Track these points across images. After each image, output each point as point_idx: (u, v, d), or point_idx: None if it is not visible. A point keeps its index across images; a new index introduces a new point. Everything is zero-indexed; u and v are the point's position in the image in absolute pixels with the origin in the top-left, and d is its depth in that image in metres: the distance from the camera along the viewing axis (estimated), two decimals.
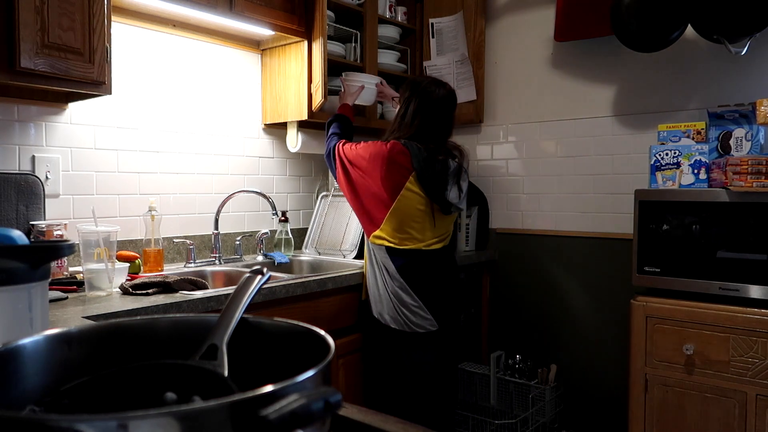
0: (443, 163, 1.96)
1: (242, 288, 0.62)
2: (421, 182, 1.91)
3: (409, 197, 1.91)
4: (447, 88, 2.04)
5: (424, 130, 1.97)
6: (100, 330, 0.60)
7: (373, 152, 1.93)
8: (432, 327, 1.95)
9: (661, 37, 2.12)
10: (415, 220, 1.93)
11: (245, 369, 0.55)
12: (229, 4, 2.05)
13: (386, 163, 1.90)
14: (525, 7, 2.73)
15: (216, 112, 2.40)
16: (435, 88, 2.00)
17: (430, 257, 1.97)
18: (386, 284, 1.94)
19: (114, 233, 1.61)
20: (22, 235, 0.70)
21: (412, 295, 1.92)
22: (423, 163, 1.90)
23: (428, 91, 1.99)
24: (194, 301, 1.55)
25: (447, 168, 1.97)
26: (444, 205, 1.96)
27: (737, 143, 2.00)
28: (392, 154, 1.90)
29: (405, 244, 1.93)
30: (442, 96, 2.00)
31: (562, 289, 2.65)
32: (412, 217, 1.93)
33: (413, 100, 1.99)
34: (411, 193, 1.91)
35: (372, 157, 1.93)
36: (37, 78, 1.56)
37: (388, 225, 1.93)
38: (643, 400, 1.96)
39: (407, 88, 2.05)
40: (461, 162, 2.02)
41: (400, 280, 1.92)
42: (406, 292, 1.92)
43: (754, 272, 1.82)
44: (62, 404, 0.48)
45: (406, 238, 1.93)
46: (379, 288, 1.96)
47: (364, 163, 1.95)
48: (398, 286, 1.92)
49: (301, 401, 0.37)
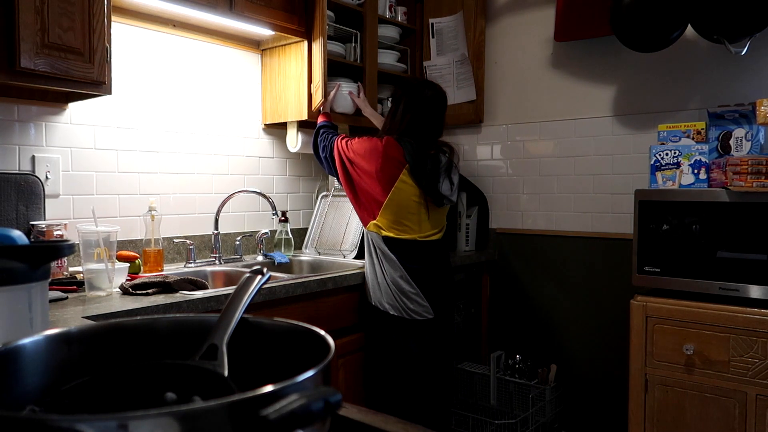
0: (434, 158, 2.05)
1: (242, 288, 0.62)
2: (414, 175, 1.99)
3: (404, 189, 1.99)
4: (436, 89, 2.12)
5: (413, 127, 2.05)
6: (100, 330, 0.60)
7: (368, 147, 2.03)
8: (428, 314, 2.03)
9: (661, 37, 2.12)
10: (411, 212, 2.02)
11: (245, 369, 0.55)
12: (229, 4, 2.05)
13: (381, 157, 1.99)
14: (525, 7, 2.73)
15: (216, 112, 2.40)
16: (424, 88, 2.10)
17: (428, 247, 2.05)
18: (385, 272, 2.02)
19: (114, 233, 1.61)
20: (22, 235, 0.70)
21: (411, 283, 2.00)
22: (415, 157, 1.99)
23: (417, 91, 2.08)
24: (194, 301, 1.55)
25: (438, 162, 2.06)
26: (436, 198, 2.03)
27: (737, 143, 2.00)
28: (387, 148, 2.00)
29: (402, 235, 2.01)
30: (430, 96, 2.08)
31: (562, 289, 2.65)
32: (408, 209, 2.01)
33: (403, 99, 2.09)
34: (405, 185, 1.99)
35: (368, 151, 2.02)
36: (37, 78, 1.56)
37: (385, 217, 2.01)
38: (643, 400, 1.96)
39: (398, 88, 2.16)
40: (451, 157, 2.10)
41: (400, 269, 2.00)
42: (405, 280, 2.00)
43: (754, 272, 1.82)
44: (62, 404, 0.48)
45: (402, 229, 2.01)
46: (378, 276, 2.04)
47: (361, 158, 2.04)
48: (398, 275, 2.00)
49: (301, 401, 0.37)
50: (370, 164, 2.00)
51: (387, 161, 1.98)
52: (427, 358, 2.06)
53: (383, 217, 2.01)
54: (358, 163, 2.04)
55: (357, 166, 2.04)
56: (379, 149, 2.00)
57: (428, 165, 2.00)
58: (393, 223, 2.01)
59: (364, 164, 2.02)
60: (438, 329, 2.07)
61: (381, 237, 2.02)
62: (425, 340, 2.04)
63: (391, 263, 2.01)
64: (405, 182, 1.99)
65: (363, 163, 2.02)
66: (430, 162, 2.02)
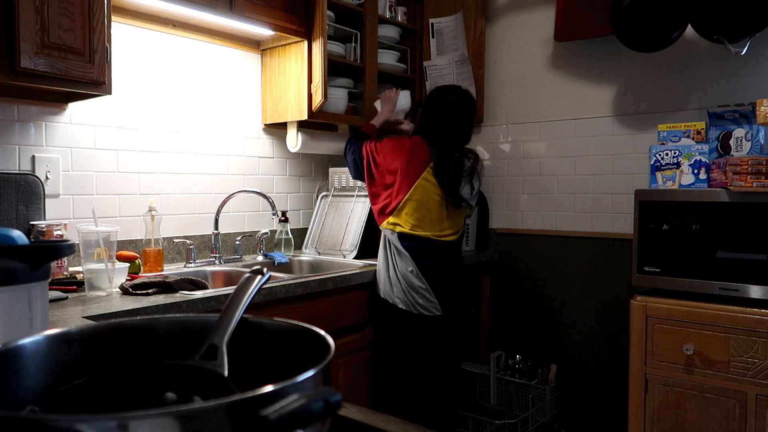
0: (458, 161, 2.11)
1: (242, 288, 0.62)
2: (437, 174, 2.06)
3: (426, 186, 2.06)
4: (465, 97, 2.17)
5: (440, 131, 2.12)
6: (100, 330, 0.60)
7: (396, 144, 2.13)
8: (436, 311, 2.08)
9: (661, 37, 2.12)
10: (430, 209, 2.07)
11: (245, 369, 0.55)
12: (229, 4, 2.05)
13: (408, 152, 2.08)
14: (525, 7, 2.73)
15: (216, 112, 2.40)
16: (452, 96, 2.16)
17: (442, 246, 2.11)
18: (396, 267, 2.08)
19: (114, 233, 1.61)
20: (22, 235, 0.70)
21: (422, 278, 2.05)
22: (440, 158, 2.07)
23: (444, 99, 2.15)
24: (194, 301, 1.55)
25: (462, 166, 2.11)
26: (456, 199, 2.09)
27: (737, 143, 2.00)
28: (414, 145, 2.10)
29: (417, 231, 2.06)
30: (458, 105, 2.14)
31: (562, 290, 2.65)
32: (427, 205, 2.07)
33: (432, 105, 2.16)
34: (428, 183, 2.07)
35: (395, 148, 2.12)
36: (37, 78, 1.56)
37: (404, 211, 2.07)
38: (643, 400, 1.96)
39: (429, 94, 2.23)
40: (475, 164, 2.15)
41: (412, 264, 2.05)
42: (416, 275, 2.05)
43: (754, 272, 1.82)
44: (62, 404, 0.48)
45: (418, 225, 2.07)
46: (389, 270, 2.09)
47: (387, 155, 2.12)
48: (410, 269, 2.06)
49: (301, 401, 0.37)
50: (395, 161, 2.08)
51: (413, 157, 2.06)
52: (432, 355, 2.10)
53: (402, 212, 2.07)
54: (382, 162, 2.11)
55: (380, 166, 2.12)
56: (407, 145, 2.09)
57: (451, 167, 2.07)
58: (411, 219, 2.06)
59: (390, 161, 2.09)
60: (445, 327, 2.12)
61: (396, 233, 2.08)
62: (432, 336, 2.09)
63: (403, 258, 2.06)
64: (428, 180, 2.06)
65: (389, 160, 2.10)
66: (454, 164, 2.08)
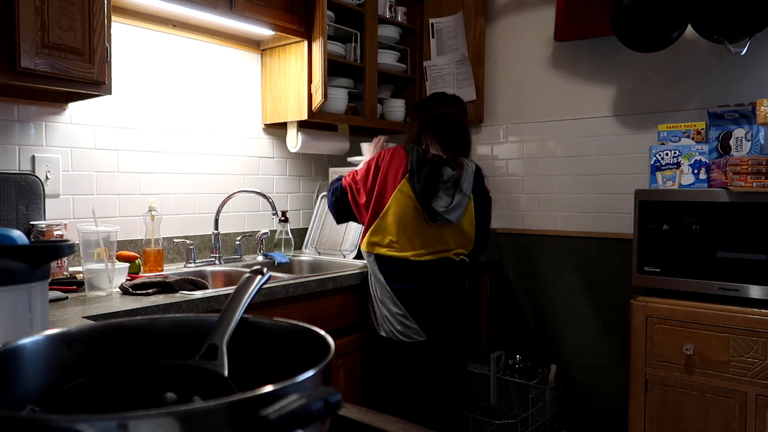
0: (436, 167, 1.96)
1: (242, 288, 0.62)
2: (411, 183, 1.94)
3: (401, 199, 1.94)
4: (446, 109, 2.08)
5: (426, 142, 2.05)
6: (100, 330, 0.60)
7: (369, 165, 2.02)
8: (418, 337, 1.95)
9: (661, 37, 2.12)
10: (406, 223, 1.94)
11: (245, 369, 0.55)
12: (229, 4, 2.05)
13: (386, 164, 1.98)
14: (525, 7, 2.73)
15: (216, 112, 2.40)
16: (433, 107, 2.09)
17: (422, 267, 1.96)
18: (375, 291, 1.99)
19: (114, 233, 1.61)
20: (22, 235, 0.70)
21: (398, 304, 1.95)
22: (416, 164, 1.95)
23: (426, 111, 2.09)
24: (194, 301, 1.55)
25: (439, 174, 1.96)
26: (430, 213, 1.93)
27: (737, 143, 2.00)
28: (394, 153, 2.00)
29: (393, 251, 1.95)
30: (439, 115, 2.07)
31: (562, 289, 2.65)
32: (404, 221, 1.94)
33: (416, 117, 2.12)
34: (402, 195, 1.94)
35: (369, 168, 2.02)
36: (37, 78, 1.56)
37: (381, 230, 1.97)
38: (643, 400, 1.96)
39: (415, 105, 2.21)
40: (459, 175, 1.99)
41: (387, 289, 1.96)
42: (392, 301, 1.95)
43: (753, 272, 1.82)
44: (62, 404, 0.48)
45: (397, 242, 1.95)
46: (371, 295, 2.02)
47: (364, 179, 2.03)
48: (385, 295, 1.96)
49: (301, 401, 0.37)
50: (369, 181, 1.99)
51: (390, 168, 1.97)
52: (420, 382, 1.99)
53: (380, 228, 1.96)
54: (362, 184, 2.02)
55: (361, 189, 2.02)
56: (384, 156, 2.00)
57: (425, 173, 1.93)
58: (389, 234, 1.95)
59: (368, 183, 1.99)
60: (432, 352, 1.98)
61: (373, 256, 1.99)
62: (417, 363, 1.97)
63: (378, 283, 1.97)
64: (403, 192, 1.93)
65: (367, 183, 2.00)
66: (430, 168, 1.94)
